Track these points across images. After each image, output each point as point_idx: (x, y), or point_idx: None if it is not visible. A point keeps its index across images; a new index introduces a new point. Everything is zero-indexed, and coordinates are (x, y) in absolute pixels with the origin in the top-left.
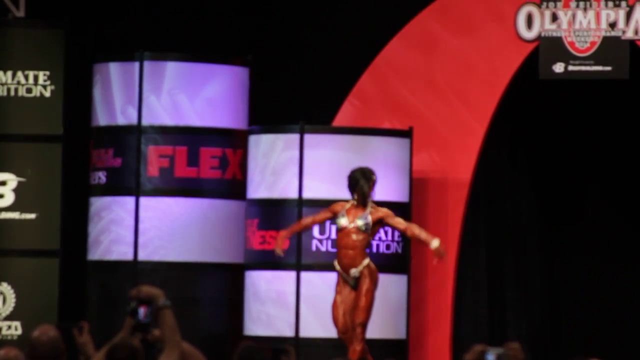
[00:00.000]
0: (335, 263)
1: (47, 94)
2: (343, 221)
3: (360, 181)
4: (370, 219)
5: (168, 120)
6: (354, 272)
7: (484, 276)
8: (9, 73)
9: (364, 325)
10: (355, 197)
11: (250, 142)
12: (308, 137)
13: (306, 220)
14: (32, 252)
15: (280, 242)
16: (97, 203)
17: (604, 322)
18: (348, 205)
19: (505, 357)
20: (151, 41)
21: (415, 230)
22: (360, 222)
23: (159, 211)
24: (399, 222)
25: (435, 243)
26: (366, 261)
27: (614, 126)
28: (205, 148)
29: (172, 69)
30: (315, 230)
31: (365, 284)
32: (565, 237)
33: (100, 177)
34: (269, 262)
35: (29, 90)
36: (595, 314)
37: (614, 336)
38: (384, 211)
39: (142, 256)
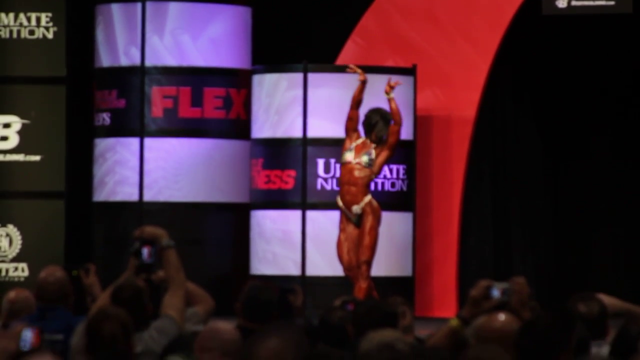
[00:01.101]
0: (338, 200)
1: (50, 35)
2: (348, 156)
3: (380, 123)
4: (374, 153)
5: (171, 61)
6: (356, 209)
7: (489, 213)
8: (11, 15)
9: (369, 263)
10: (372, 137)
11: (254, 81)
12: (312, 76)
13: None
14: (37, 194)
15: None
16: (102, 144)
17: (608, 258)
18: (359, 141)
19: (511, 292)
20: None
21: (395, 121)
22: (365, 158)
23: (164, 152)
24: (390, 132)
25: (387, 96)
26: (368, 198)
27: (617, 61)
28: (208, 88)
29: (175, 9)
30: (321, 169)
31: (368, 222)
32: (569, 173)
33: (105, 118)
34: (274, 201)
35: (31, 32)
36: (600, 249)
37: (618, 271)
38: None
39: (148, 197)
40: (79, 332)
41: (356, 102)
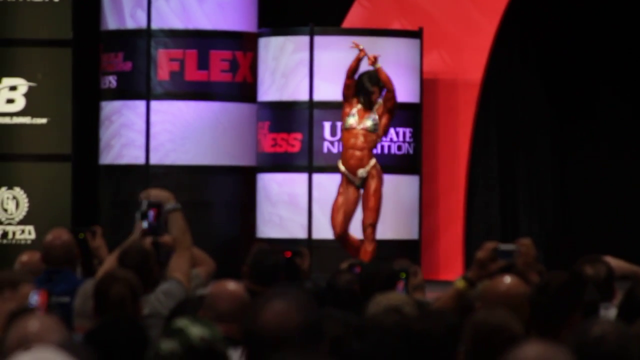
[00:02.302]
0: (340, 164)
1: None
2: (351, 120)
3: (366, 84)
4: (377, 116)
5: (178, 24)
6: (361, 172)
7: (495, 175)
8: None
9: (374, 226)
10: (362, 100)
11: (260, 44)
12: (318, 39)
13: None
14: (44, 157)
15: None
16: (108, 107)
17: (616, 219)
18: (360, 106)
19: (517, 254)
20: None
21: (387, 89)
22: (369, 123)
23: (170, 115)
24: (385, 99)
25: (374, 67)
26: (373, 161)
27: (625, 22)
28: (215, 51)
29: None
30: (327, 132)
31: (373, 184)
32: (577, 135)
33: (111, 81)
34: (281, 164)
35: None
36: (607, 211)
37: (626, 233)
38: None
39: (154, 160)
40: (82, 295)
41: (352, 72)
